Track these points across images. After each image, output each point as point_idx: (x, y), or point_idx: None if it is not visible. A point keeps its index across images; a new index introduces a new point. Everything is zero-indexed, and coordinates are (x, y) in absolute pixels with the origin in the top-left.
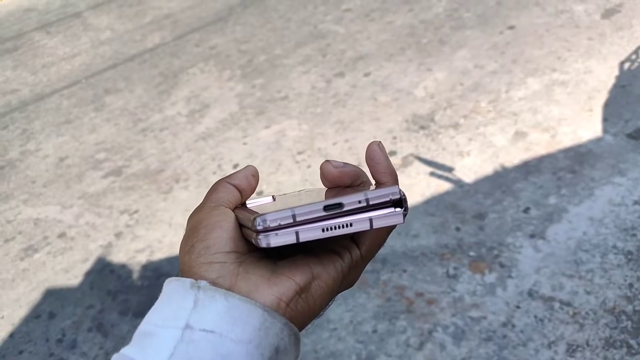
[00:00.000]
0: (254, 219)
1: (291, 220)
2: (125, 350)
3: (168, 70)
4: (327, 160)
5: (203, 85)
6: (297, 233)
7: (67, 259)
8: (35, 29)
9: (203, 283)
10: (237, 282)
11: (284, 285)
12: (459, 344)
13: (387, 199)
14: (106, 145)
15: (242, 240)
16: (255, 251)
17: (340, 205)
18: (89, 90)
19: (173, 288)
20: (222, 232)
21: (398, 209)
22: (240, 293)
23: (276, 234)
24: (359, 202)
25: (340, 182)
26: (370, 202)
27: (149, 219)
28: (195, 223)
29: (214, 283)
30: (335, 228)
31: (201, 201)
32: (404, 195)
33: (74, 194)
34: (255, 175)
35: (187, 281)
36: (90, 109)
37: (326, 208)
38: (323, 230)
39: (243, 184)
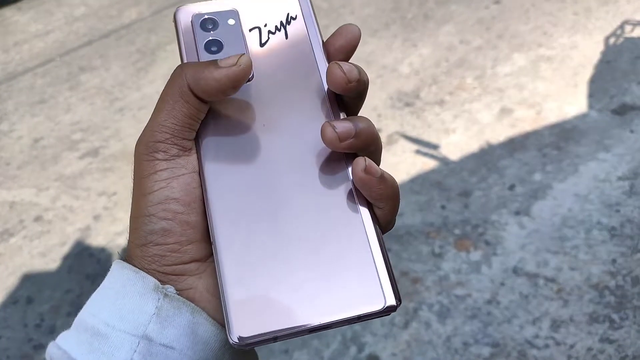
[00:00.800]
0: (227, 331)
1: (273, 338)
2: (67, 346)
3: (145, 47)
4: (327, 123)
5: None
6: (275, 338)
7: (44, 243)
8: (6, 5)
9: (171, 290)
10: (196, 298)
11: None
12: (444, 321)
13: (383, 310)
14: (82, 125)
15: (205, 237)
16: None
17: (329, 327)
18: (64, 69)
19: (130, 280)
20: (182, 235)
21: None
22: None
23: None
24: (350, 320)
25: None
26: (363, 319)
27: (128, 201)
28: (147, 194)
29: (179, 292)
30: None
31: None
32: (399, 302)
33: (49, 175)
34: (237, 86)
35: (151, 280)
36: (65, 88)
37: (312, 330)
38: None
39: (212, 89)
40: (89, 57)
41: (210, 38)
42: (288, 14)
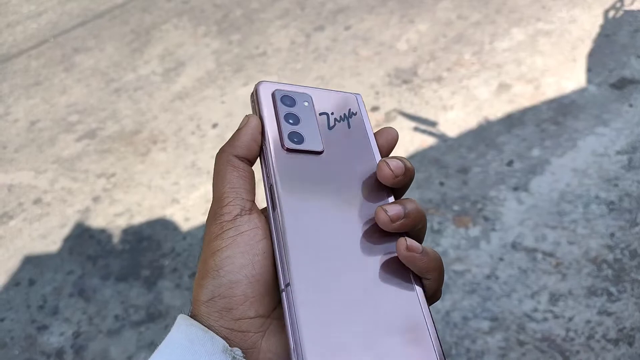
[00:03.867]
0: None
1: None
2: None
3: (140, 27)
4: (380, 208)
5: (177, 42)
6: None
7: (44, 225)
8: None
9: (238, 352)
10: (260, 357)
11: None
12: (443, 297)
13: None
14: (78, 107)
15: (269, 291)
16: (278, 308)
17: None
18: (58, 50)
19: (198, 338)
20: (247, 288)
21: None
22: None
23: None
24: None
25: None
26: None
27: (127, 182)
28: (215, 253)
29: (245, 351)
30: None
31: (212, 192)
32: None
33: (47, 158)
34: (259, 134)
35: (220, 342)
36: (60, 69)
37: None
38: None
39: (253, 151)
40: (83, 38)
41: (289, 112)
42: (350, 109)
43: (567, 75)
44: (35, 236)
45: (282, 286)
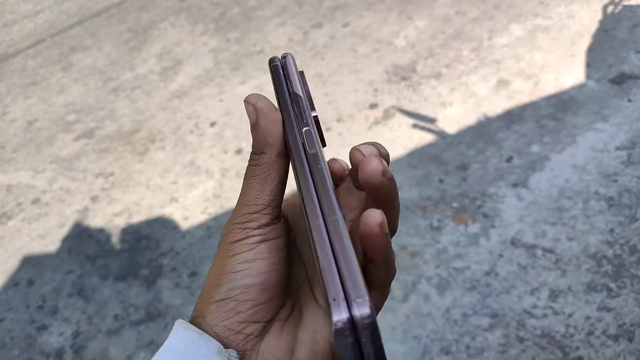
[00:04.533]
0: None
1: None
2: None
3: (137, 26)
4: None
5: (175, 41)
6: None
7: (43, 225)
8: None
9: (233, 354)
10: (258, 359)
11: None
12: (443, 294)
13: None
14: (76, 106)
15: (278, 297)
16: (282, 311)
17: None
18: (55, 49)
19: (194, 341)
20: (261, 295)
21: None
22: None
23: None
24: None
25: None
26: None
27: (125, 182)
28: (235, 255)
29: (240, 356)
30: None
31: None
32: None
33: (45, 158)
34: (272, 106)
35: (214, 344)
36: (58, 68)
37: None
38: None
39: (275, 133)
40: (80, 37)
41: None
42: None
43: (566, 71)
44: (34, 236)
45: (323, 218)
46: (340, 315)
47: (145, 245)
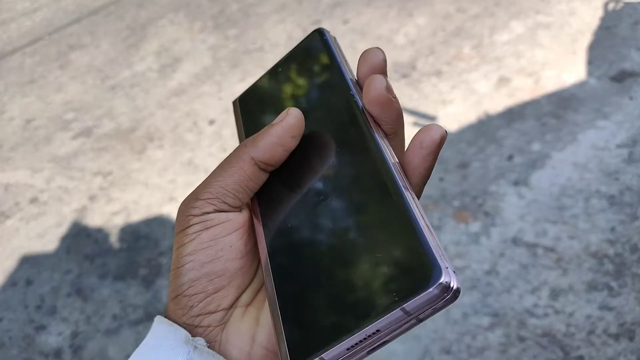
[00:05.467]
0: None
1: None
2: None
3: (135, 23)
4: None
5: (173, 38)
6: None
7: (41, 224)
8: None
9: (200, 342)
10: (220, 350)
11: None
12: None
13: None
14: (74, 104)
15: (233, 282)
16: (243, 295)
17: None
18: (53, 47)
19: (164, 333)
20: (209, 284)
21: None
22: None
23: None
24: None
25: (381, 110)
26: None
27: (124, 180)
28: (178, 248)
29: (208, 343)
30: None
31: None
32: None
33: (43, 157)
34: (296, 135)
35: (182, 333)
36: (55, 66)
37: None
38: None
39: (275, 157)
40: (78, 35)
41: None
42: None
43: (567, 69)
44: (32, 235)
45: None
46: (447, 277)
47: (144, 244)
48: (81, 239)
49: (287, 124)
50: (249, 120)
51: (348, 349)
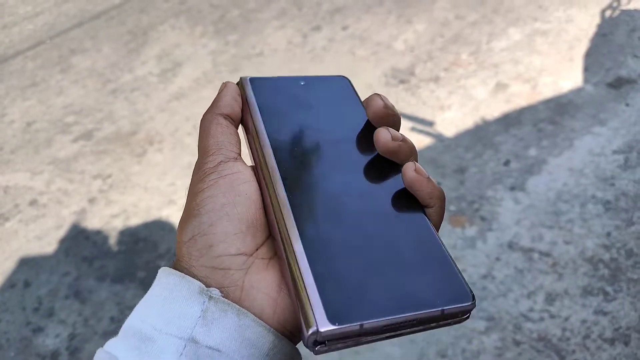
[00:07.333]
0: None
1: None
2: (116, 351)
3: (137, 28)
4: (382, 128)
5: (174, 43)
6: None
7: (40, 227)
8: None
9: (215, 292)
10: (242, 296)
11: (290, 311)
12: None
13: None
14: (75, 108)
15: (251, 230)
16: (262, 249)
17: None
18: (54, 51)
19: (175, 285)
20: (229, 225)
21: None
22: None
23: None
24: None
25: (392, 154)
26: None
27: (124, 184)
28: (197, 194)
29: (224, 294)
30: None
31: (198, 151)
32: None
33: (43, 159)
34: (239, 95)
35: (196, 284)
36: (57, 70)
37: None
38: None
39: (235, 110)
40: (79, 39)
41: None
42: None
43: (564, 75)
44: (31, 237)
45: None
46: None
47: (142, 247)
48: (80, 242)
49: (232, 86)
50: (264, 104)
51: (383, 327)
